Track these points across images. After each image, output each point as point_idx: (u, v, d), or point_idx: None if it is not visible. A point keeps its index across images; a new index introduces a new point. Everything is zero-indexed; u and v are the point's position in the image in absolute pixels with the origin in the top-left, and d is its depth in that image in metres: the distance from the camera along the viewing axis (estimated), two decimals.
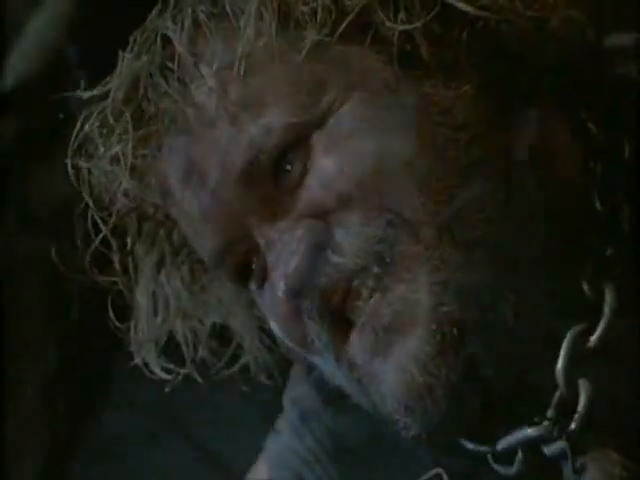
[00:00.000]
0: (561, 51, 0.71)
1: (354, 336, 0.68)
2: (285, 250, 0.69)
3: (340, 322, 0.69)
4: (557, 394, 0.69)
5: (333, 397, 0.85)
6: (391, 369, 0.67)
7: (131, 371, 0.90)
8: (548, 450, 0.71)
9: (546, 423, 0.69)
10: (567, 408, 0.69)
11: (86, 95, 0.76)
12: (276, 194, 0.71)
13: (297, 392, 0.92)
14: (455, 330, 0.65)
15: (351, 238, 0.67)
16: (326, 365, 0.74)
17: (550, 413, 0.69)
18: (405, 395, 0.66)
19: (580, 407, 0.68)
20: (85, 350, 1.07)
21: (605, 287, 0.70)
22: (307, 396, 0.90)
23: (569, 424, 0.69)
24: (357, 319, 0.68)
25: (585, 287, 0.70)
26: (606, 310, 0.69)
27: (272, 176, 0.70)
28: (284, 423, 0.93)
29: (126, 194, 0.78)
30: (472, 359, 0.66)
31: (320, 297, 0.68)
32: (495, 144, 0.70)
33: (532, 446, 0.71)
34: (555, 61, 0.71)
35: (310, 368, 0.84)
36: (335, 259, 0.68)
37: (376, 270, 0.67)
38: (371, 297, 0.67)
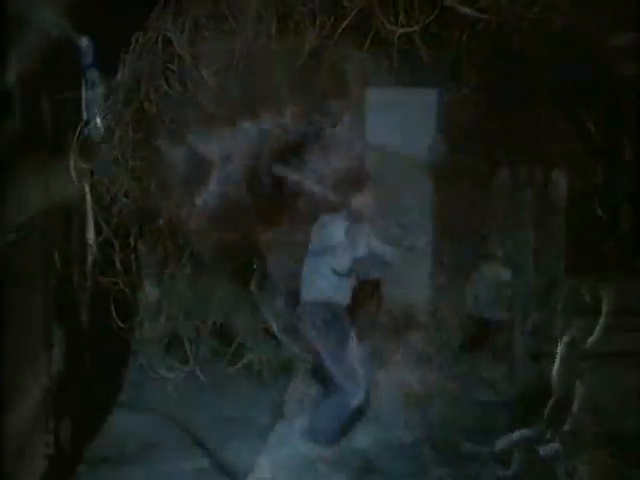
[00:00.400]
0: (561, 51, 0.71)
1: (354, 340, 0.69)
2: (286, 254, 0.70)
3: (341, 326, 0.69)
4: (553, 396, 0.69)
5: (337, 398, 0.85)
6: (390, 373, 0.67)
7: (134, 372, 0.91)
8: (543, 451, 0.71)
9: (541, 424, 0.69)
10: (562, 410, 0.69)
11: (88, 95, 0.76)
12: (277, 197, 0.71)
13: (301, 393, 0.93)
14: (455, 334, 0.65)
15: (351, 242, 0.68)
16: (329, 368, 0.75)
17: (545, 415, 0.69)
18: (403, 400, 0.67)
19: (574, 409, 0.68)
20: (89, 352, 1.07)
21: (603, 291, 0.70)
22: (311, 397, 0.91)
23: (563, 426, 0.69)
24: (357, 323, 0.68)
25: (584, 291, 0.70)
26: (604, 313, 0.69)
27: (273, 179, 0.71)
28: (287, 424, 0.93)
29: (127, 195, 0.78)
30: (472, 363, 0.67)
31: (321, 302, 0.68)
32: (494, 144, 0.70)
33: (528, 447, 0.72)
34: (555, 61, 0.71)
35: (314, 370, 0.84)
36: (335, 263, 0.68)
37: (375, 275, 0.67)
38: (370, 301, 0.67)
